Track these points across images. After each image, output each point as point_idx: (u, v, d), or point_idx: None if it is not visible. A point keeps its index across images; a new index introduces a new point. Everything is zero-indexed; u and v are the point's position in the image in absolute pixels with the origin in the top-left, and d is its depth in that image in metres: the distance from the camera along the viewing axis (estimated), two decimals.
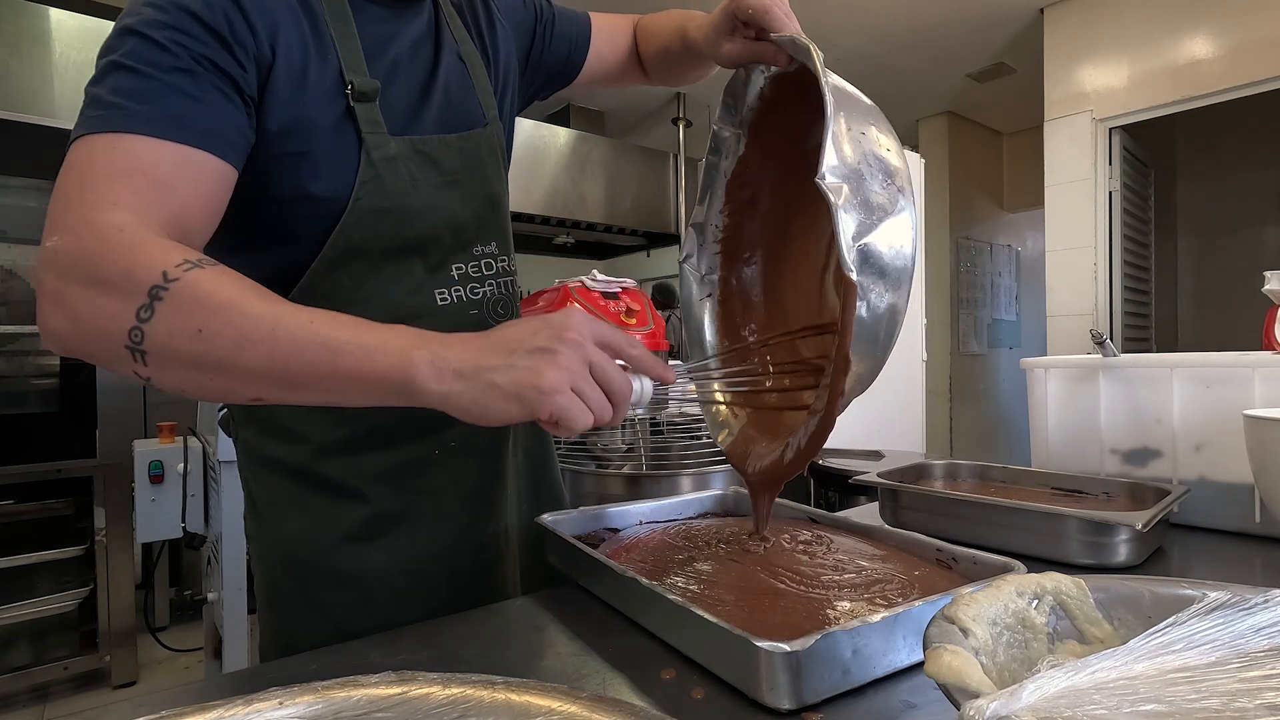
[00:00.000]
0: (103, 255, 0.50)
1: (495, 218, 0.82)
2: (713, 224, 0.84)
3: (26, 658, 2.31)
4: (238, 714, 0.40)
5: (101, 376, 2.68)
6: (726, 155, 0.82)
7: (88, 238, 0.51)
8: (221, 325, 0.49)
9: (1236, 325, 4.22)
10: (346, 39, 0.69)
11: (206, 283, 0.50)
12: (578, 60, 0.97)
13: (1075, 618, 0.45)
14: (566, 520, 0.84)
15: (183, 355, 0.50)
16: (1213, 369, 0.95)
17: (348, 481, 0.74)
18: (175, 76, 0.56)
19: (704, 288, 0.84)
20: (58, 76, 3.26)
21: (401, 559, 0.75)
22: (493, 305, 0.80)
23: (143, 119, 0.55)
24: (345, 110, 0.68)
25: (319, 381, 0.50)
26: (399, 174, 0.71)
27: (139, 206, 0.53)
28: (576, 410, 0.51)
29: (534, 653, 0.59)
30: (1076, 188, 3.63)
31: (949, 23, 3.79)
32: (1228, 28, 3.15)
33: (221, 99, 0.59)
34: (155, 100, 0.55)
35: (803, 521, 0.86)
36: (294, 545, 0.75)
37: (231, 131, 0.60)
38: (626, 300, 1.99)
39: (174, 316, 0.49)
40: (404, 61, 0.75)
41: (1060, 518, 0.79)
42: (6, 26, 3.16)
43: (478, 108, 0.82)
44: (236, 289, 0.51)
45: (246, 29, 0.61)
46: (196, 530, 2.14)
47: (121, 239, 0.51)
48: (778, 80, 0.76)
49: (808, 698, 0.48)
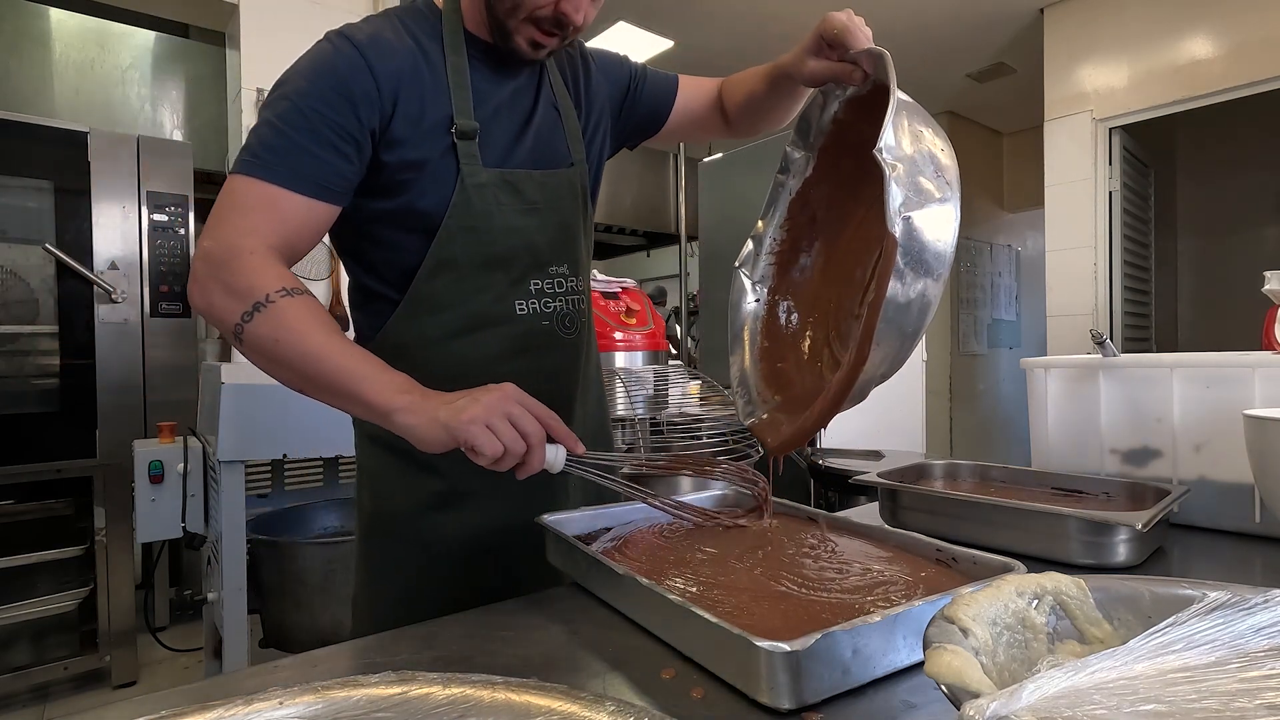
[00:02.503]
0: (236, 269, 0.74)
1: (569, 243, 0.95)
2: (770, 237, 0.90)
3: (26, 658, 2.31)
4: (238, 714, 0.40)
5: (101, 377, 2.68)
6: (794, 175, 0.88)
7: (230, 252, 0.74)
8: (290, 342, 0.72)
9: (1236, 325, 4.22)
10: (460, 89, 0.86)
11: (291, 309, 0.73)
12: (664, 113, 1.10)
13: (1075, 618, 0.45)
14: (567, 520, 0.84)
15: (262, 351, 0.73)
16: (1213, 369, 0.95)
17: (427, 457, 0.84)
18: (304, 138, 0.77)
19: (754, 292, 0.91)
20: (58, 76, 3.26)
21: (467, 531, 0.90)
22: (561, 319, 0.94)
23: (275, 171, 0.77)
24: (450, 146, 0.85)
25: (339, 396, 0.73)
26: (486, 198, 0.86)
27: (264, 232, 0.76)
28: (485, 439, 0.67)
29: (534, 653, 0.59)
30: (1076, 188, 3.63)
31: (949, 23, 3.79)
32: (1228, 28, 3.15)
33: (335, 155, 0.79)
34: (287, 157, 0.77)
35: (803, 521, 0.86)
36: (382, 506, 0.92)
37: (336, 180, 0.80)
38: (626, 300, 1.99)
39: (263, 327, 0.72)
40: (505, 107, 0.91)
41: (1060, 518, 0.79)
42: (6, 26, 3.16)
43: (566, 150, 0.96)
44: (306, 319, 0.73)
45: (374, 90, 0.80)
46: (196, 530, 2.14)
47: (250, 261, 0.74)
48: (852, 104, 0.81)
49: (808, 697, 0.48)
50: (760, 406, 0.86)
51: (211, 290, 0.74)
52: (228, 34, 2.88)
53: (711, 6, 3.64)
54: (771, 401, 0.85)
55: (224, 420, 1.87)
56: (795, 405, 0.82)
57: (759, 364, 0.88)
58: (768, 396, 0.86)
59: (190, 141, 3.07)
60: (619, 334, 1.89)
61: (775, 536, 0.80)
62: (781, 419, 0.82)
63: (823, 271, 0.89)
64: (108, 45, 3.36)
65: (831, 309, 0.87)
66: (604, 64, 1.07)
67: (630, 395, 1.55)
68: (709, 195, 3.28)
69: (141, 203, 2.75)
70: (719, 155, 3.21)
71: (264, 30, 2.69)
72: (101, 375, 2.67)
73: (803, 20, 3.61)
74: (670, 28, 3.82)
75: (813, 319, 0.89)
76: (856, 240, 0.85)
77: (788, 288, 0.91)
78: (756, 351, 0.89)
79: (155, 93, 3.45)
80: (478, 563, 0.90)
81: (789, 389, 0.85)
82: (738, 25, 3.80)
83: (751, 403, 0.86)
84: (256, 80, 2.66)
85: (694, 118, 1.12)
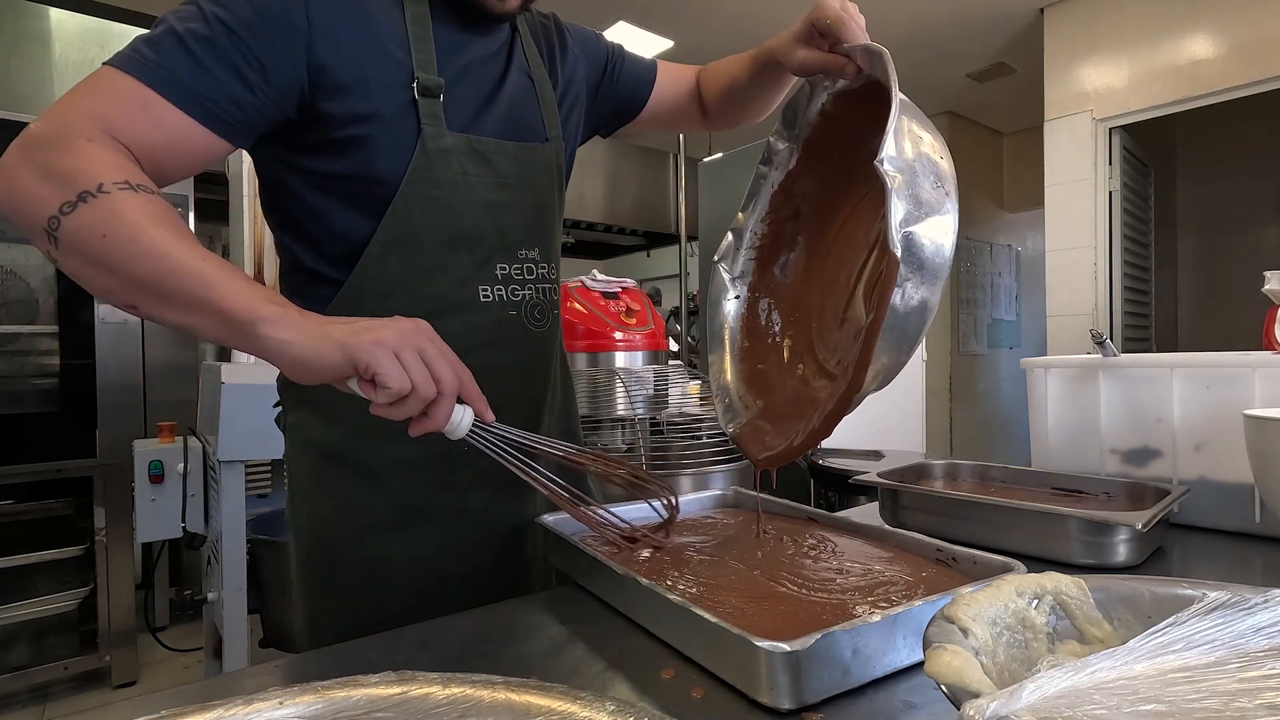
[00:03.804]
0: (63, 150, 0.59)
1: (541, 227, 0.87)
2: (751, 230, 0.87)
3: (26, 658, 2.31)
4: (238, 714, 0.40)
5: (101, 376, 2.68)
6: (777, 167, 0.85)
7: (62, 134, 0.60)
8: (125, 238, 0.57)
9: (1236, 325, 4.22)
10: (421, 41, 0.77)
11: (130, 202, 0.58)
12: (642, 97, 1.04)
13: (1075, 618, 0.45)
14: (567, 520, 0.84)
15: (84, 249, 0.57)
16: (1213, 369, 0.95)
17: (374, 469, 0.79)
18: (201, 48, 0.65)
19: (733, 288, 0.87)
20: (58, 76, 3.26)
21: (424, 552, 0.80)
22: (530, 308, 0.86)
23: (153, 73, 0.63)
24: (410, 102, 0.75)
25: (187, 304, 0.58)
26: (450, 165, 0.77)
27: (119, 127, 0.62)
28: (392, 368, 0.57)
29: (534, 652, 0.59)
30: (1076, 188, 3.63)
31: (949, 23, 3.79)
32: (1228, 28, 3.15)
33: (233, 77, 0.66)
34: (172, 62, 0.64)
35: (803, 521, 0.86)
36: (324, 530, 0.80)
37: (227, 106, 0.67)
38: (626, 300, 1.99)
39: (90, 218, 0.57)
40: (474, 68, 0.82)
41: (1060, 518, 0.79)
42: (6, 26, 3.16)
43: (540, 124, 0.88)
44: (152, 214, 0.59)
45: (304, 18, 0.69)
46: (196, 530, 2.14)
47: (86, 147, 0.59)
48: (841, 98, 0.78)
49: (808, 697, 0.48)
50: (741, 412, 0.82)
51: (21, 174, 0.58)
52: None
53: (711, 6, 3.64)
54: (753, 406, 0.82)
55: (224, 420, 1.87)
56: (777, 413, 0.79)
57: (739, 364, 0.86)
58: (749, 401, 0.83)
59: None
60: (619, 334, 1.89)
61: (776, 537, 0.80)
62: (765, 428, 0.78)
63: (806, 269, 0.87)
64: (108, 45, 3.35)
65: (815, 309, 0.84)
66: (581, 40, 1.00)
67: (630, 395, 1.55)
68: (709, 195, 3.28)
69: None
70: (719, 155, 3.21)
71: None
72: (101, 375, 2.67)
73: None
74: (670, 27, 3.82)
75: (795, 318, 0.86)
76: (842, 238, 0.83)
77: (769, 284, 0.87)
78: (737, 351, 0.86)
79: None
80: (439, 591, 0.79)
81: (770, 393, 0.82)
82: (738, 25, 3.80)
83: (732, 408, 0.83)
84: None
85: (672, 106, 1.06)
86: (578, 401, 1.05)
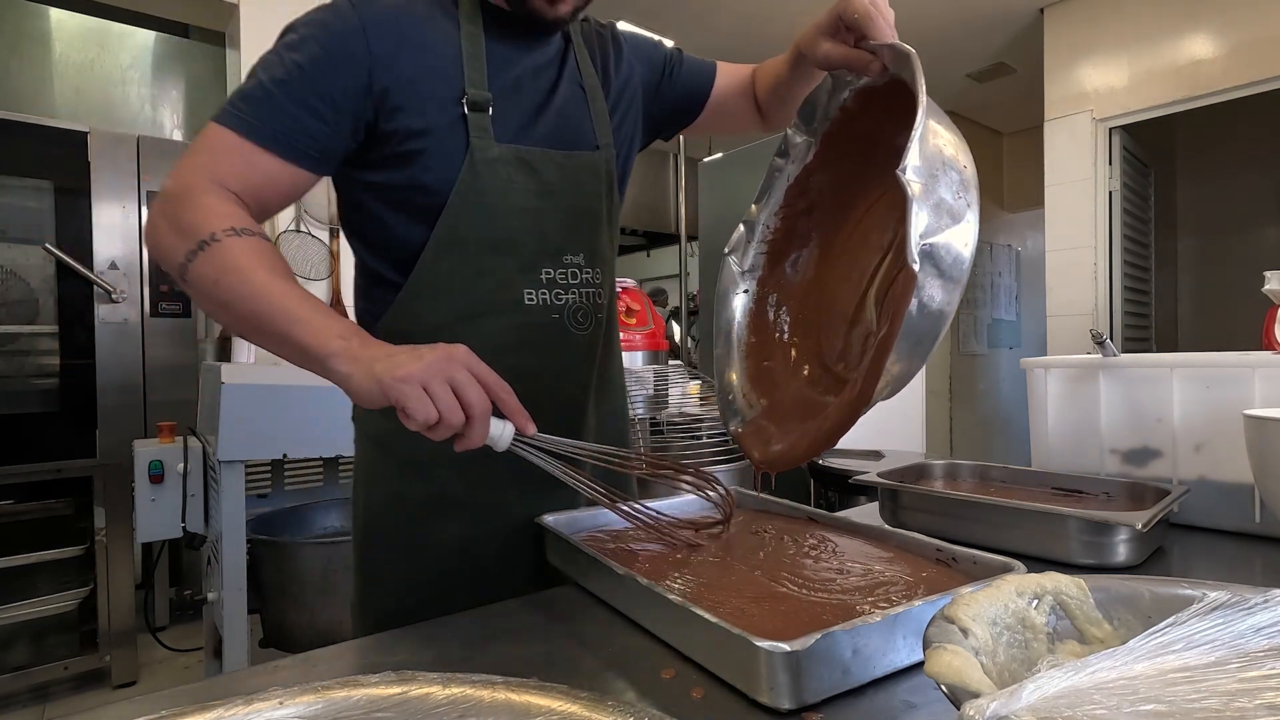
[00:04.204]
0: (186, 206, 0.71)
1: (588, 232, 0.90)
2: (763, 224, 0.85)
3: (26, 658, 2.31)
4: (238, 714, 0.40)
5: (101, 376, 2.68)
6: (793, 160, 0.83)
7: (186, 191, 0.72)
8: (229, 282, 0.68)
9: (1236, 325, 4.22)
10: (474, 60, 0.82)
11: (235, 249, 0.69)
12: (700, 98, 1.04)
13: (1075, 618, 0.45)
14: (567, 520, 0.84)
15: (205, 292, 0.70)
16: (1213, 369, 0.95)
17: (418, 460, 0.85)
18: (281, 93, 0.74)
19: (742, 282, 0.86)
20: (58, 76, 3.26)
21: (459, 540, 0.85)
22: (573, 312, 0.88)
23: (244, 123, 0.74)
24: (460, 117, 0.80)
25: (275, 339, 0.68)
26: (497, 175, 0.82)
27: (224, 176, 0.73)
28: (417, 402, 0.62)
29: (534, 653, 0.59)
30: (1076, 188, 3.63)
31: (949, 23, 3.79)
32: (1228, 28, 3.15)
33: (309, 116, 0.75)
34: (260, 110, 0.74)
35: (803, 521, 0.86)
36: (373, 515, 0.88)
37: (307, 142, 0.76)
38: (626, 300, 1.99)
39: (205, 266, 0.69)
40: (526, 80, 0.86)
41: (1060, 518, 0.79)
42: (6, 26, 3.16)
43: (591, 133, 0.91)
44: (252, 259, 0.69)
45: (365, 52, 0.76)
46: (196, 530, 2.14)
47: (203, 200, 0.71)
48: (863, 94, 0.76)
49: (808, 697, 0.48)
50: (744, 410, 0.82)
51: (160, 228, 0.71)
52: (228, 34, 2.88)
53: (712, 6, 3.64)
54: (756, 405, 0.82)
55: (224, 420, 1.87)
56: (781, 413, 0.79)
57: (744, 361, 0.85)
58: (753, 399, 0.82)
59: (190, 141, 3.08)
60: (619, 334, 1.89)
61: (776, 537, 0.80)
62: (769, 429, 0.78)
63: (818, 266, 0.85)
64: (108, 45, 3.36)
65: (825, 307, 0.83)
66: (637, 46, 1.02)
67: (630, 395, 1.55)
68: (709, 195, 3.28)
69: (141, 203, 2.75)
70: (719, 155, 3.21)
71: (264, 30, 2.69)
72: (101, 375, 2.67)
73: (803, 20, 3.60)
74: (670, 27, 3.82)
75: (804, 316, 0.85)
76: (857, 236, 0.82)
77: (779, 280, 0.86)
78: (742, 347, 0.85)
79: (155, 93, 3.45)
80: (472, 572, 0.85)
81: (775, 391, 0.82)
82: (738, 24, 3.81)
83: (734, 405, 0.82)
84: None
85: (730, 106, 1.06)
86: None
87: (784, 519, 0.87)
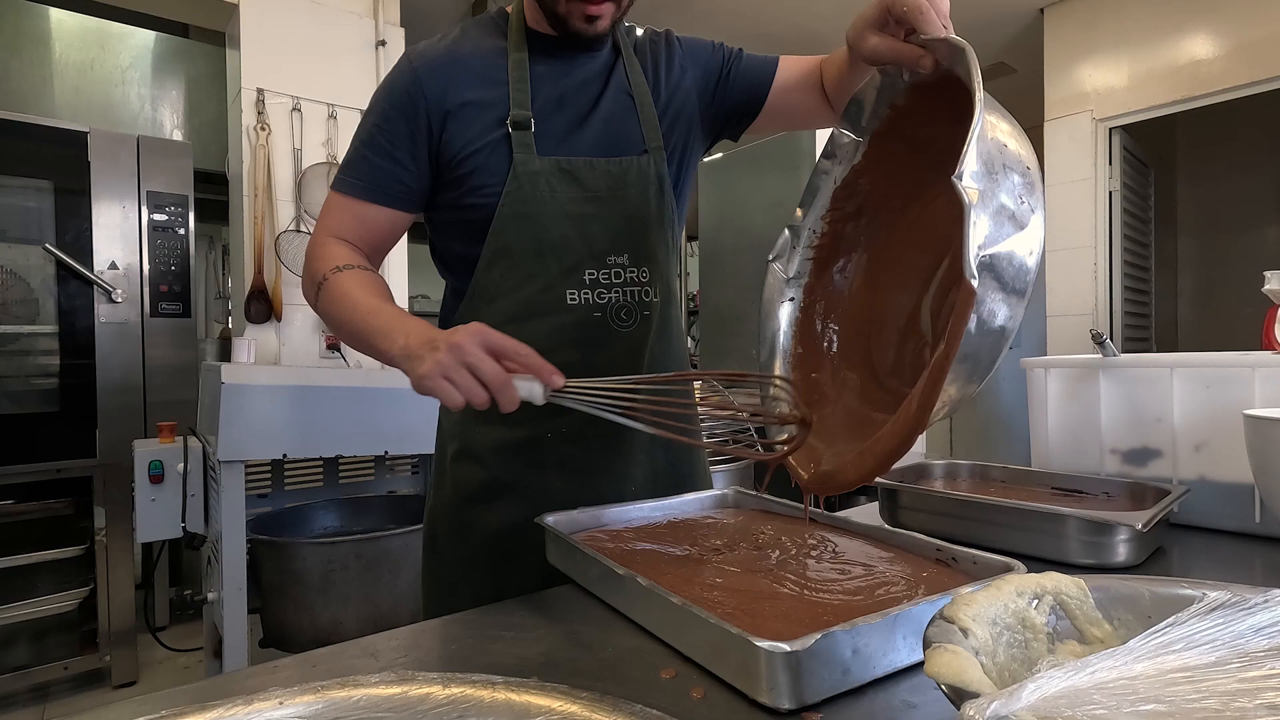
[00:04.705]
0: (312, 258, 0.91)
1: (633, 233, 0.94)
2: (809, 228, 0.82)
3: (26, 658, 2.31)
4: (238, 714, 0.40)
5: (101, 376, 2.68)
6: (841, 162, 0.79)
7: (313, 245, 0.92)
8: (336, 310, 0.85)
9: (1236, 325, 4.22)
10: (519, 83, 0.90)
11: (341, 282, 0.86)
12: (761, 95, 1.03)
13: (1075, 618, 0.45)
14: (567, 520, 0.84)
15: (328, 317, 0.87)
16: (1213, 369, 0.95)
17: (474, 449, 0.94)
18: (369, 151, 0.90)
19: (789, 290, 0.83)
20: (58, 76, 3.26)
21: (508, 523, 0.92)
22: (616, 310, 0.93)
23: (346, 183, 0.92)
24: (504, 137, 0.89)
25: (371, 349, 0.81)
26: (539, 186, 0.89)
27: (338, 229, 0.92)
28: (444, 392, 0.69)
29: (534, 653, 0.59)
30: (1076, 188, 3.63)
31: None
32: (1228, 28, 3.15)
33: (391, 163, 0.90)
34: (355, 170, 0.91)
35: (803, 521, 0.86)
36: (439, 499, 0.98)
37: (394, 186, 0.91)
38: None
39: (324, 300, 0.87)
40: (571, 95, 0.93)
41: (1060, 518, 0.79)
42: (6, 26, 3.16)
43: (639, 138, 0.95)
44: (349, 287, 0.85)
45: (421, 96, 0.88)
46: (196, 530, 2.14)
47: (323, 250, 0.90)
48: (914, 90, 0.72)
49: (808, 697, 0.48)
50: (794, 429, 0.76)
51: (304, 280, 0.91)
52: (228, 34, 2.88)
53: (713, 6, 3.64)
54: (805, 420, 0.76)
55: (224, 420, 1.87)
56: (830, 430, 0.75)
57: (791, 373, 0.81)
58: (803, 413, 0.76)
59: (190, 141, 3.07)
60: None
61: (775, 537, 0.80)
62: (817, 447, 0.74)
63: (868, 273, 0.81)
64: (108, 45, 3.35)
65: (876, 317, 0.80)
66: (691, 49, 1.04)
67: None
68: (709, 195, 3.28)
69: (141, 203, 2.75)
70: (719, 155, 3.21)
71: (264, 30, 2.69)
72: (101, 375, 2.67)
73: (804, 20, 3.61)
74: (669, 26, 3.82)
75: (854, 327, 0.81)
76: (910, 242, 0.78)
77: (827, 288, 0.82)
78: (789, 359, 0.81)
79: (155, 93, 3.45)
80: (516, 555, 0.90)
81: (823, 405, 0.78)
82: (740, 25, 3.80)
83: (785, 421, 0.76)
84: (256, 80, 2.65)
85: (797, 101, 1.03)
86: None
87: (784, 519, 0.87)
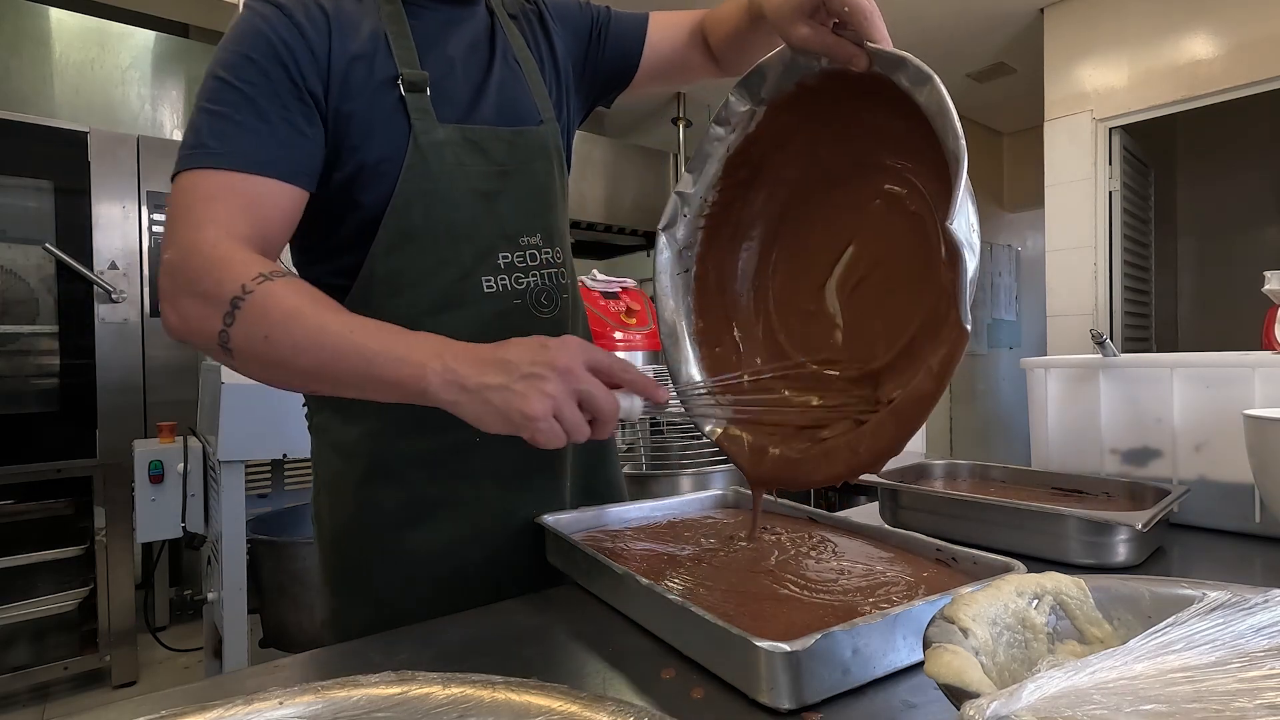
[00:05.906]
0: (201, 270, 0.62)
1: (542, 211, 0.85)
2: (700, 197, 0.79)
3: (26, 658, 2.31)
4: (238, 714, 0.40)
5: (101, 376, 2.68)
6: (734, 130, 0.76)
7: (191, 254, 0.63)
8: (281, 334, 0.59)
9: (1236, 325, 4.21)
10: (400, 38, 0.77)
11: (274, 295, 0.60)
12: (634, 58, 0.98)
13: (1075, 618, 0.45)
14: (566, 520, 0.84)
15: (255, 355, 0.61)
16: (1213, 369, 0.95)
17: (390, 464, 0.79)
18: (245, 114, 0.67)
19: (680, 262, 0.80)
20: (58, 76, 3.26)
21: (442, 543, 0.80)
22: (536, 295, 0.83)
23: (222, 156, 0.66)
24: (398, 100, 0.75)
25: (356, 382, 0.60)
26: (445, 158, 0.77)
27: (224, 221, 0.65)
28: (553, 436, 0.57)
29: (534, 653, 0.59)
30: (1076, 188, 3.63)
31: (949, 23, 3.78)
32: (1228, 28, 3.15)
33: (287, 128, 0.69)
34: (230, 139, 0.67)
35: (802, 521, 0.86)
36: (344, 526, 0.81)
37: (298, 156, 0.70)
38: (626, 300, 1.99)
39: (248, 325, 0.60)
40: (460, 58, 0.82)
41: (1060, 518, 0.79)
42: (6, 26, 3.16)
43: (533, 107, 0.86)
44: (297, 300, 0.61)
45: (304, 45, 0.71)
46: (196, 530, 2.14)
47: (215, 254, 0.62)
48: (829, 75, 0.69)
49: (808, 697, 0.48)
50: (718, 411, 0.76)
51: (182, 305, 0.62)
52: None
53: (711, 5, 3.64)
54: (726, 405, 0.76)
55: (224, 420, 1.87)
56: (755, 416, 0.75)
57: (698, 348, 0.79)
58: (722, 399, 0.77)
59: None
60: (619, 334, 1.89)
61: (775, 537, 0.80)
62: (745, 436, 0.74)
63: (766, 247, 0.80)
64: (108, 45, 3.35)
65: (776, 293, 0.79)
66: (562, 16, 0.96)
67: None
68: None
69: (141, 202, 2.75)
70: None
71: None
72: (101, 375, 2.67)
73: None
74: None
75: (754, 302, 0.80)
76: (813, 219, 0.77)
77: (720, 258, 0.80)
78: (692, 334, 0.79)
79: (155, 93, 3.45)
80: (460, 582, 0.79)
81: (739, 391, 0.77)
82: None
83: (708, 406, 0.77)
84: None
85: (676, 59, 0.99)
86: None
87: (784, 519, 0.87)
